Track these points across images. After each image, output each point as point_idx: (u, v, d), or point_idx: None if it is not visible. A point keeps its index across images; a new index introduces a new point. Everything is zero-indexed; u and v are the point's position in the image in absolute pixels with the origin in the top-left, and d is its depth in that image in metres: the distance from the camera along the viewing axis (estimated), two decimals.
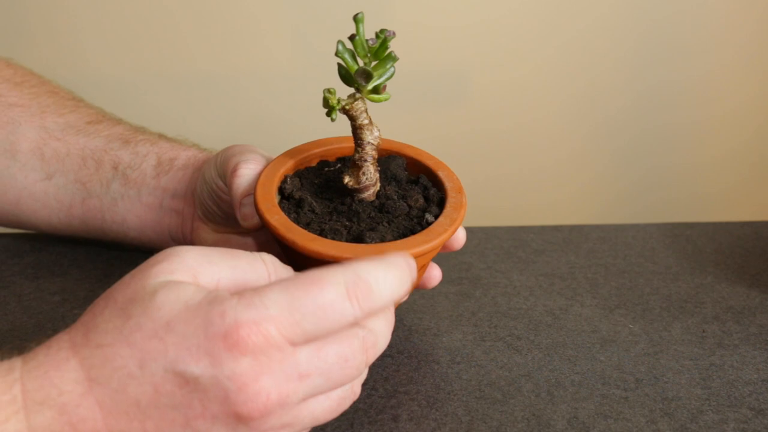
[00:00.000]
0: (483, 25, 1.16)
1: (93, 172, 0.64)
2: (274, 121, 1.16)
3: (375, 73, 0.52)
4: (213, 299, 0.41)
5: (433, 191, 0.55)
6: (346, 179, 0.53)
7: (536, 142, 1.23)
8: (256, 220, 0.55)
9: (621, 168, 1.26)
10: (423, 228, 0.52)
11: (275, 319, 0.41)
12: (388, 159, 0.57)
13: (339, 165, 0.57)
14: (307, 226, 0.52)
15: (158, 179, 0.63)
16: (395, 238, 0.51)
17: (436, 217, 0.52)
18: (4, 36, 1.09)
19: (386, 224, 0.52)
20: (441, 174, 0.56)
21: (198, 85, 1.16)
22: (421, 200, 0.54)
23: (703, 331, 0.60)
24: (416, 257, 0.48)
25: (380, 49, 0.51)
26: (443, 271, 0.66)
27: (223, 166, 0.57)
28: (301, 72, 1.16)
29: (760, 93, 1.21)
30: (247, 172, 0.56)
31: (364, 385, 0.54)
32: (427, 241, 0.50)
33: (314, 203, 0.54)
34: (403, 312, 0.61)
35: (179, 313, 0.41)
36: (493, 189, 1.24)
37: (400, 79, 1.20)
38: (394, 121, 1.15)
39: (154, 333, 0.41)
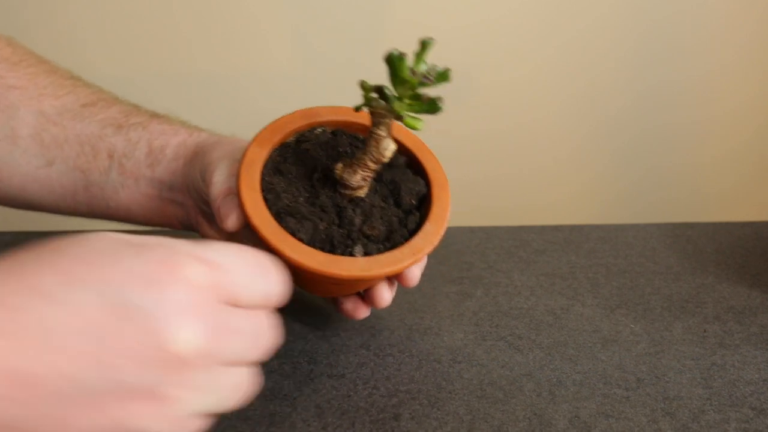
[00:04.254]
0: (483, 25, 1.16)
1: (91, 159, 0.64)
2: None
3: (396, 103, 0.48)
4: (150, 237, 0.39)
5: (399, 234, 0.53)
6: (338, 166, 0.52)
7: (536, 142, 1.23)
8: (232, 220, 0.54)
9: (621, 168, 1.26)
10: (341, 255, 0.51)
11: (217, 264, 0.39)
12: (414, 181, 0.55)
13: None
14: (283, 193, 0.52)
15: (153, 170, 0.63)
16: (307, 240, 0.51)
17: (364, 255, 0.51)
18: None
19: (323, 226, 0.51)
20: (426, 227, 0.53)
21: (198, 85, 1.16)
22: (377, 232, 0.52)
23: (705, 331, 0.60)
24: (308, 274, 0.50)
25: (415, 89, 0.48)
26: (445, 271, 0.67)
27: (203, 173, 0.57)
28: (301, 72, 1.16)
29: (760, 93, 1.21)
30: (222, 179, 0.55)
31: (365, 383, 0.54)
32: (323, 263, 0.49)
33: (307, 160, 0.54)
34: (404, 311, 0.61)
35: (114, 243, 0.38)
36: (494, 189, 1.24)
37: None
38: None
39: (84, 258, 0.37)
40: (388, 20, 1.14)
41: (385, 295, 0.56)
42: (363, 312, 0.57)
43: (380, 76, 0.50)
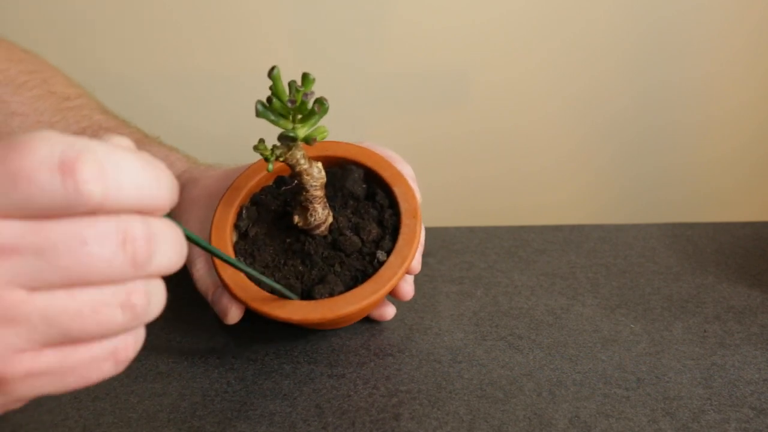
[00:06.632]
0: (483, 25, 1.16)
1: None
2: None
3: (299, 132, 0.50)
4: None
5: (388, 214, 0.54)
6: (296, 219, 0.53)
7: (536, 142, 1.23)
8: (234, 315, 0.55)
9: (621, 168, 1.26)
10: (375, 268, 0.52)
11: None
12: (345, 172, 0.56)
13: (296, 182, 0.54)
14: (261, 271, 0.53)
15: None
16: (345, 287, 0.52)
17: (389, 252, 0.52)
18: (5, 35, 1.09)
19: (338, 266, 0.53)
20: (397, 191, 0.55)
21: (198, 85, 1.16)
22: (375, 230, 0.54)
23: (705, 331, 0.60)
24: (368, 307, 0.52)
25: (301, 107, 0.49)
26: (445, 271, 0.67)
27: None
28: (300, 72, 1.16)
29: (760, 93, 1.21)
30: (201, 274, 0.56)
31: (365, 383, 0.54)
32: (377, 290, 0.51)
33: (268, 241, 0.54)
34: (404, 311, 0.61)
35: None
36: (493, 189, 1.24)
37: (400, 80, 1.20)
38: (394, 121, 1.15)
39: None
40: (389, 20, 1.14)
41: (407, 288, 0.57)
42: (390, 312, 0.59)
43: (379, 76, 0.51)
